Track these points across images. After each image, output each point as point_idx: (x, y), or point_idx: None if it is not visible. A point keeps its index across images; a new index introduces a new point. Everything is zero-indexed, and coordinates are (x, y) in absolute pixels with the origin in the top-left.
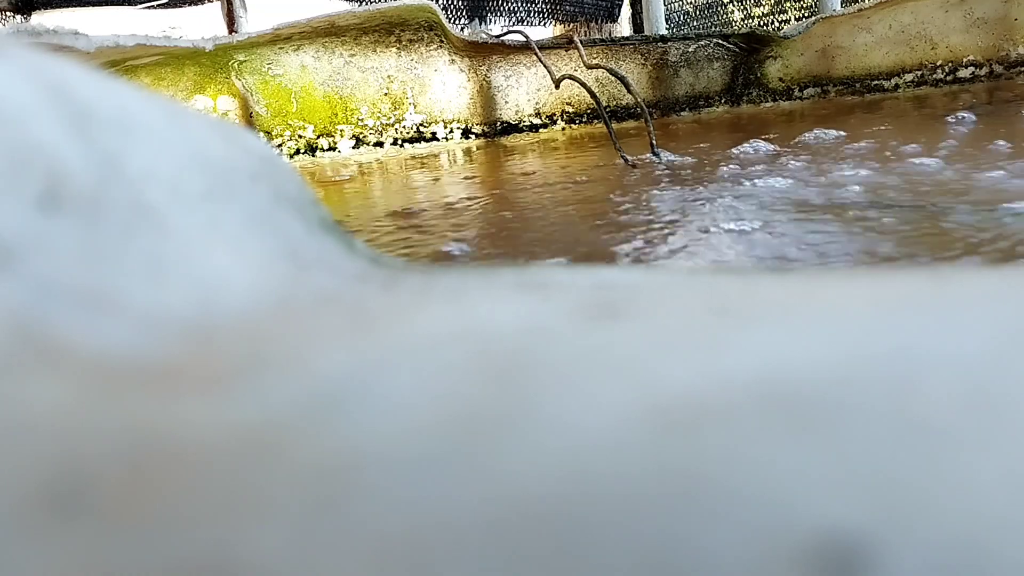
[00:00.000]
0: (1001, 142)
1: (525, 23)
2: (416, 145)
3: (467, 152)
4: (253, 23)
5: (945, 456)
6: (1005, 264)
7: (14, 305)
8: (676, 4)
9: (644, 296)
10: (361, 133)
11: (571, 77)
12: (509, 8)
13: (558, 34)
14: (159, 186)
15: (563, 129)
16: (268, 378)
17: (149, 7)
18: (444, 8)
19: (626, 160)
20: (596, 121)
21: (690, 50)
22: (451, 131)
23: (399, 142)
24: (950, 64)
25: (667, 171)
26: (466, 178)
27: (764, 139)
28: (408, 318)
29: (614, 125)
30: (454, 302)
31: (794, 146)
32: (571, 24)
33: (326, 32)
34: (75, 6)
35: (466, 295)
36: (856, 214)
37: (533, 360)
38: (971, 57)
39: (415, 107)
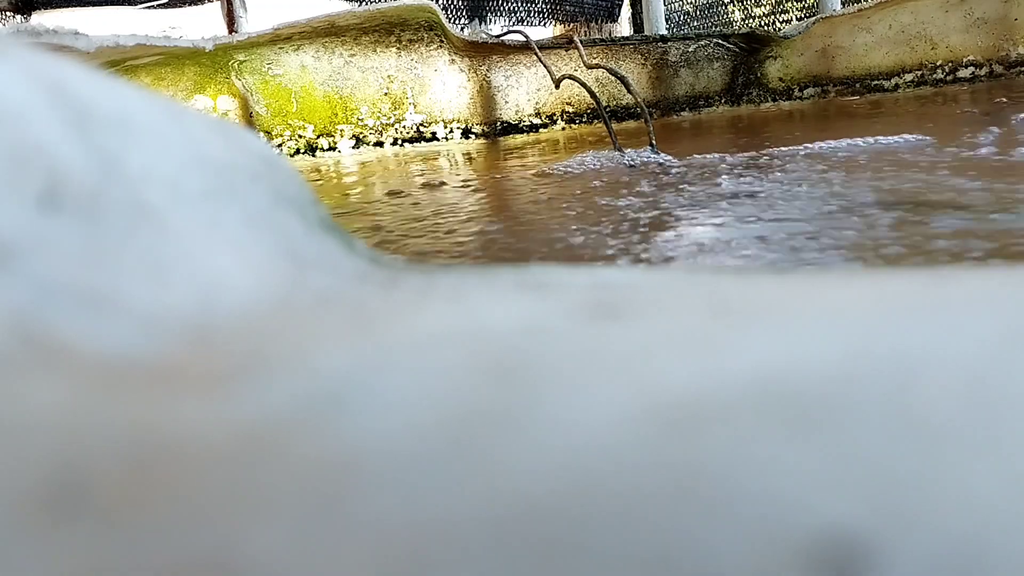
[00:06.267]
0: None
1: (525, 23)
2: (416, 145)
3: (468, 153)
4: (253, 23)
5: (945, 455)
6: (1005, 264)
7: (14, 305)
8: (676, 4)
9: (643, 296)
10: (361, 133)
11: (571, 77)
12: (509, 8)
13: (558, 34)
14: (159, 186)
15: (563, 129)
16: (268, 377)
17: (149, 7)
18: (444, 8)
19: (625, 159)
20: (596, 121)
21: (690, 50)
22: (451, 131)
23: (399, 142)
24: (950, 64)
25: (665, 169)
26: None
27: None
28: (408, 318)
29: (614, 125)
30: (454, 302)
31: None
32: (571, 24)
33: (326, 32)
34: (75, 6)
35: (466, 295)
36: None
37: (533, 359)
38: (971, 57)
39: (415, 107)
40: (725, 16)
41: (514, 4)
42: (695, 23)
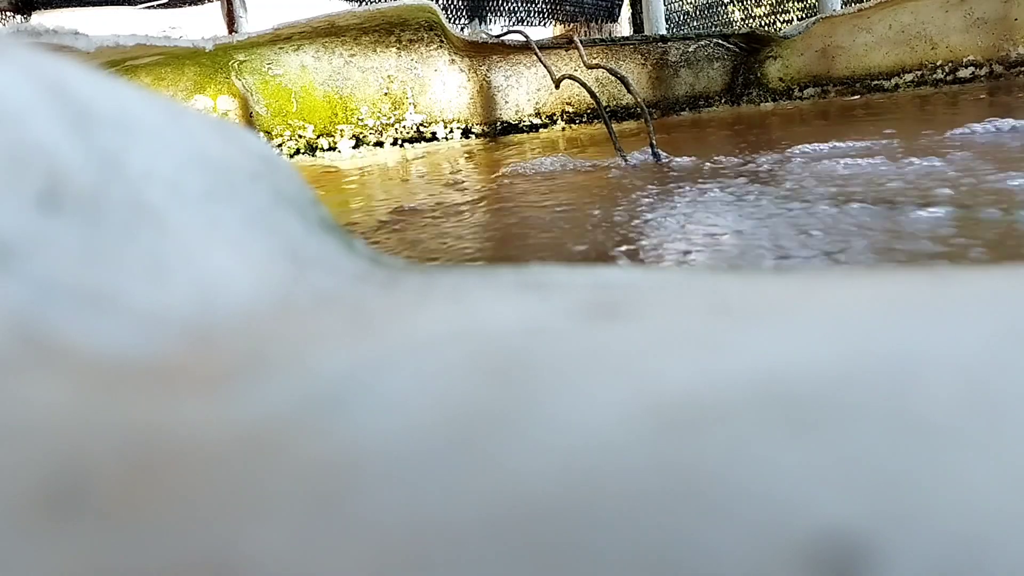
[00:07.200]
0: None
1: (525, 23)
2: (416, 145)
3: (469, 150)
4: (253, 23)
5: (945, 455)
6: (1005, 264)
7: (14, 305)
8: (676, 4)
9: (644, 296)
10: (361, 133)
11: (571, 77)
12: (509, 8)
13: (558, 34)
14: (159, 186)
15: (563, 129)
16: (268, 377)
17: (149, 7)
18: (444, 8)
19: (625, 159)
20: (596, 121)
21: (690, 50)
22: (451, 131)
23: (399, 142)
24: (950, 64)
25: (665, 168)
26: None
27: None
28: (408, 318)
29: (614, 125)
30: (454, 302)
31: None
32: (571, 24)
33: (326, 32)
34: (75, 6)
35: (466, 295)
36: None
37: (533, 359)
38: (971, 57)
39: (415, 107)
40: (725, 16)
41: (514, 4)
42: (695, 23)
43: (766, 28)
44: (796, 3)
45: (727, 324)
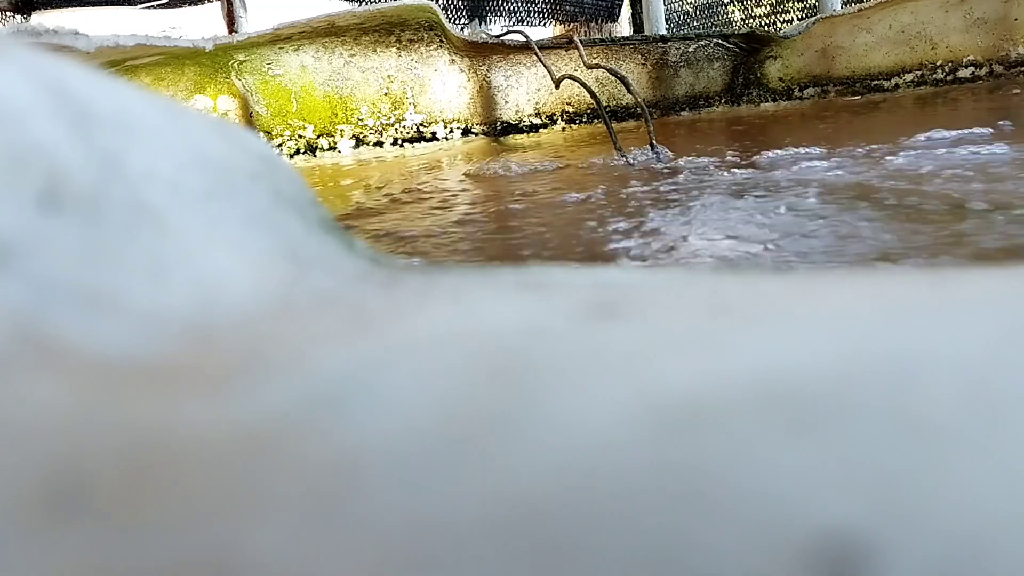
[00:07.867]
0: None
1: (525, 23)
2: (416, 145)
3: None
4: (253, 23)
5: (945, 455)
6: (1005, 264)
7: (14, 305)
8: (676, 4)
9: (644, 296)
10: (361, 133)
11: (571, 77)
12: (509, 8)
13: (558, 34)
14: (159, 186)
15: (563, 129)
16: (268, 377)
17: (149, 7)
18: (444, 8)
19: (626, 159)
20: (596, 121)
21: (690, 50)
22: (451, 131)
23: (399, 142)
24: (950, 64)
25: (665, 168)
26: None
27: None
28: (408, 318)
29: (614, 125)
30: (454, 302)
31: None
32: (571, 24)
33: (326, 32)
34: (75, 6)
35: (466, 295)
36: None
37: (533, 359)
38: (971, 57)
39: (415, 107)
40: (725, 16)
41: (514, 4)
42: (695, 23)
43: (766, 28)
44: (796, 3)
45: (727, 324)
